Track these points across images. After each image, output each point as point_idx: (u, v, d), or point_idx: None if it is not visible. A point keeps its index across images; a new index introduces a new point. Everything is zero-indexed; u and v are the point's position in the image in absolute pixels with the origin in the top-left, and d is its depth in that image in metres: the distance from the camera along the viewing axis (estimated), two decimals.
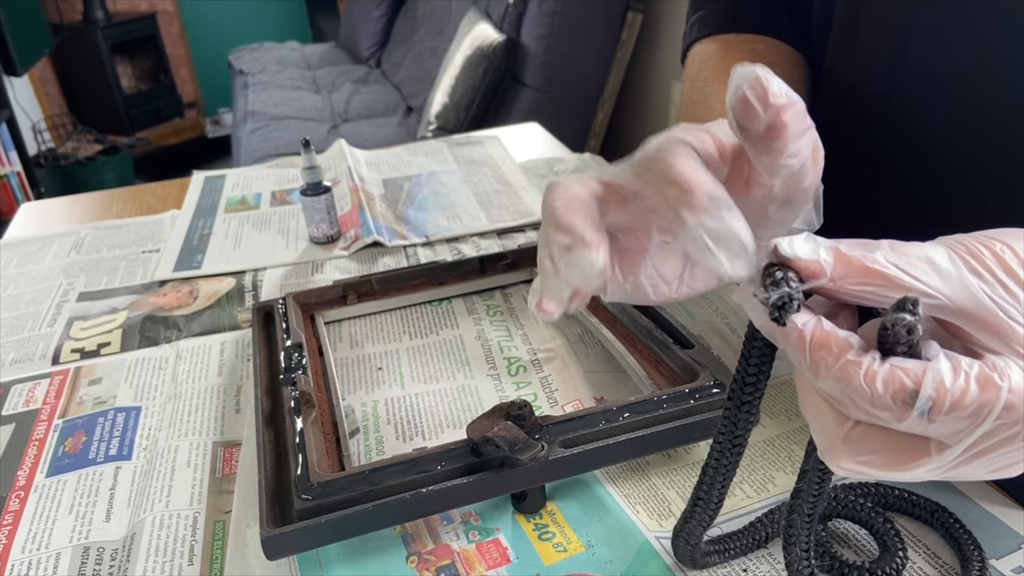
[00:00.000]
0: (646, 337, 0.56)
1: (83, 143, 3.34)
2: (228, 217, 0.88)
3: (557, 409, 0.55)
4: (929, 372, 0.23)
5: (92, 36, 3.44)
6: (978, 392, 0.23)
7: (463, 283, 0.69)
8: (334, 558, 0.44)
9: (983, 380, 0.23)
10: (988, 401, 0.23)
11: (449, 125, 2.03)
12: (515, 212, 0.85)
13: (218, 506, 0.48)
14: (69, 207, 0.98)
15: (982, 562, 0.40)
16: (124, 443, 0.54)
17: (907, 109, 0.49)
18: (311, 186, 0.78)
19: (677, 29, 2.02)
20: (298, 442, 0.46)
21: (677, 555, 0.41)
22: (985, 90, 0.45)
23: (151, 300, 0.72)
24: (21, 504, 0.49)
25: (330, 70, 3.01)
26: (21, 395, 0.60)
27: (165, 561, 0.44)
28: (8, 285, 0.77)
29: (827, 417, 0.26)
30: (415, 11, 2.81)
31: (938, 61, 0.47)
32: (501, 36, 2.00)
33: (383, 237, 0.79)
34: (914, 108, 0.49)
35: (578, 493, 0.47)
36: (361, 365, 0.61)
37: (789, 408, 0.53)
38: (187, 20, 3.83)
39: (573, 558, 0.43)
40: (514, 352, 0.61)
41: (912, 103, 0.49)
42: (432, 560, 0.43)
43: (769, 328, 0.26)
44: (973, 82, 0.45)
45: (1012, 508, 0.44)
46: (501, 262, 0.70)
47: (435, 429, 0.53)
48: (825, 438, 0.26)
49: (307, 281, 0.74)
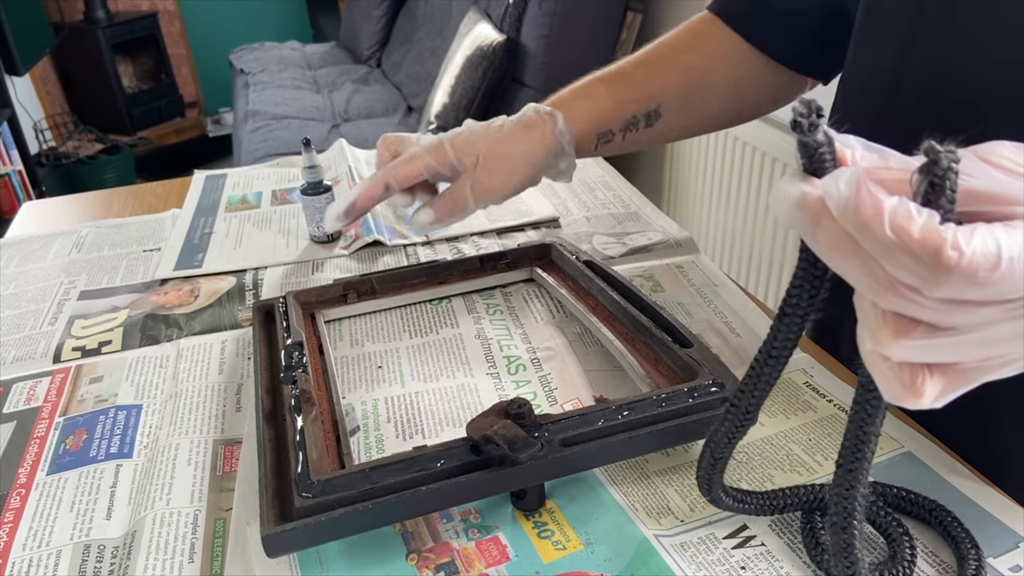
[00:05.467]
0: (645, 336, 0.56)
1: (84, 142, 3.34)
2: (229, 216, 0.89)
3: (556, 408, 0.55)
4: (998, 228, 0.23)
5: (93, 35, 3.44)
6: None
7: (463, 282, 0.69)
8: (334, 556, 0.44)
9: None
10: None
11: (449, 125, 2.03)
12: (515, 211, 0.85)
13: (218, 504, 0.48)
14: (70, 206, 0.98)
15: (978, 560, 0.40)
16: (125, 441, 0.54)
17: (912, 103, 0.49)
18: (312, 185, 0.78)
19: None
20: (298, 440, 0.46)
21: (698, 475, 0.41)
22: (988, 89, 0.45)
23: (152, 299, 0.72)
24: (22, 502, 0.50)
25: (330, 70, 3.02)
26: (22, 393, 0.60)
27: (166, 559, 0.44)
28: (9, 283, 0.77)
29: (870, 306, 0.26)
30: (415, 11, 2.81)
31: (943, 57, 0.47)
32: (501, 36, 2.00)
33: (383, 236, 0.79)
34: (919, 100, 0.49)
35: (577, 491, 0.48)
36: (361, 364, 0.61)
37: (788, 407, 0.53)
38: (188, 20, 3.84)
39: (572, 556, 0.43)
40: (514, 351, 0.61)
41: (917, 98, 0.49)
42: (432, 558, 0.44)
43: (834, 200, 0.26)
44: (978, 78, 0.45)
45: (1010, 507, 0.44)
46: (501, 261, 0.70)
47: (435, 427, 0.53)
48: (872, 320, 0.26)
49: (307, 280, 0.74)
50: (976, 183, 0.25)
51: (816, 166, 0.26)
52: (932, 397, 0.26)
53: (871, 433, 0.32)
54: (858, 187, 0.24)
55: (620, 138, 0.65)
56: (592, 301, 0.64)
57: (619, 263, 0.74)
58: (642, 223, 0.82)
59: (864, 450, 0.33)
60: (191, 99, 3.97)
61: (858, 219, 0.24)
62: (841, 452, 0.34)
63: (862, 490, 0.34)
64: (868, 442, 0.32)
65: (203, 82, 3.97)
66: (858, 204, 0.24)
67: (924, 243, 0.23)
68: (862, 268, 0.25)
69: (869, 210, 0.24)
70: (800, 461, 0.49)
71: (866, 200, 0.24)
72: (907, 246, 0.23)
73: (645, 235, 0.79)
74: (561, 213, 0.85)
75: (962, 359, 0.26)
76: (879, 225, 0.24)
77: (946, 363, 0.26)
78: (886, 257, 0.24)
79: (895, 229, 0.23)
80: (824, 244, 0.26)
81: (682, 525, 0.45)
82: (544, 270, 0.70)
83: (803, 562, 0.42)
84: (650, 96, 0.65)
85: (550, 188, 0.91)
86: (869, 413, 0.31)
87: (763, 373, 0.35)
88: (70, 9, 3.49)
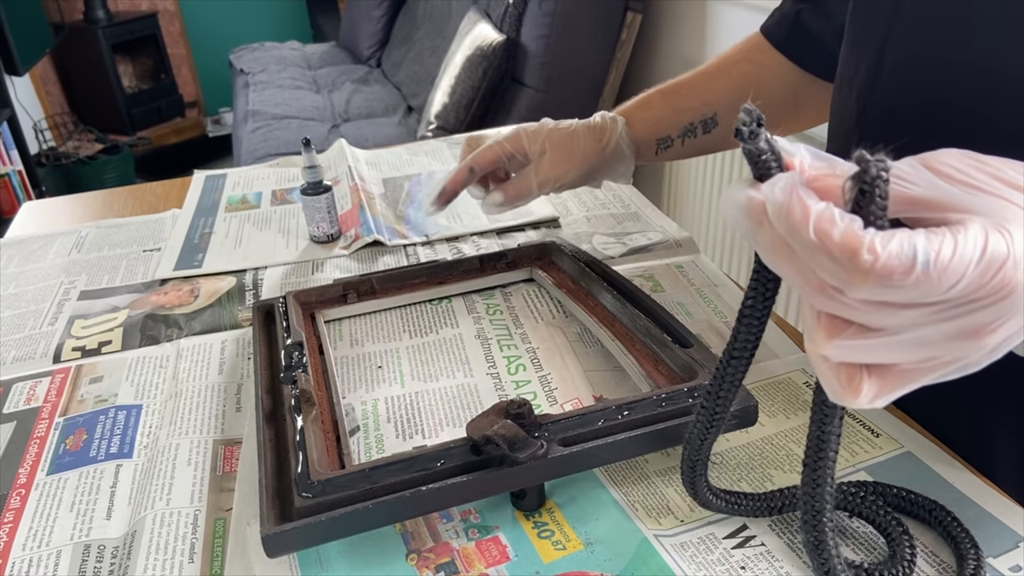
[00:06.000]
0: (645, 336, 0.56)
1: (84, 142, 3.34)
2: (229, 216, 0.89)
3: (556, 408, 0.55)
4: (920, 233, 0.25)
5: (93, 35, 3.44)
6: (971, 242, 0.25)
7: (463, 282, 0.69)
8: (334, 556, 0.44)
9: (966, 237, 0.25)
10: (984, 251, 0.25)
11: (449, 125, 2.03)
12: (514, 212, 0.85)
13: (219, 504, 0.48)
14: (70, 206, 0.98)
15: (978, 560, 0.40)
16: (125, 441, 0.54)
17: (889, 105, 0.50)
18: (311, 185, 0.78)
19: (676, 29, 2.02)
20: (298, 440, 0.46)
21: (683, 479, 0.43)
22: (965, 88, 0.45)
23: (152, 299, 0.72)
24: (22, 502, 0.50)
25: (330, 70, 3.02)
26: (22, 393, 0.60)
27: (166, 559, 0.44)
28: (9, 283, 0.77)
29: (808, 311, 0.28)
30: (415, 11, 2.81)
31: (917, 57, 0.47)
32: (501, 36, 2.00)
33: (383, 236, 0.79)
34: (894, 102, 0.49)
35: (577, 491, 0.48)
36: (361, 363, 0.61)
37: (787, 407, 0.53)
38: (188, 20, 3.84)
39: (572, 556, 0.43)
40: (513, 351, 0.61)
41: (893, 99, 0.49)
42: (432, 558, 0.44)
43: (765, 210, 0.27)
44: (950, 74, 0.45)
45: (1010, 507, 0.44)
46: (501, 261, 0.70)
47: (435, 427, 0.53)
48: (810, 323, 0.28)
49: (307, 280, 0.74)
50: (917, 191, 0.26)
51: (761, 172, 0.28)
52: (869, 397, 0.28)
53: (830, 433, 0.34)
54: (790, 192, 0.26)
55: (679, 144, 0.70)
56: (592, 301, 0.64)
57: (619, 263, 0.74)
58: (642, 223, 0.82)
59: (826, 449, 0.34)
60: (191, 99, 3.97)
61: (788, 223, 0.26)
62: (806, 452, 0.35)
63: (828, 488, 0.36)
64: (828, 442, 0.34)
65: (203, 82, 3.97)
66: (789, 209, 0.26)
67: (843, 246, 0.25)
68: (795, 270, 0.27)
69: (797, 215, 0.25)
70: (800, 460, 0.49)
71: (795, 205, 0.26)
72: (828, 249, 0.25)
73: (645, 235, 0.79)
74: (561, 213, 0.85)
75: (897, 360, 0.27)
76: (805, 229, 0.25)
77: (883, 365, 0.28)
78: (813, 260, 0.26)
79: (818, 233, 0.25)
80: (764, 247, 0.28)
81: (682, 525, 0.45)
82: (544, 270, 0.70)
83: (803, 562, 0.42)
84: (706, 103, 0.68)
85: None
86: (826, 414, 0.33)
87: (727, 374, 0.36)
88: (70, 9, 3.49)
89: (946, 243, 0.24)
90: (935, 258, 0.24)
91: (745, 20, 1.71)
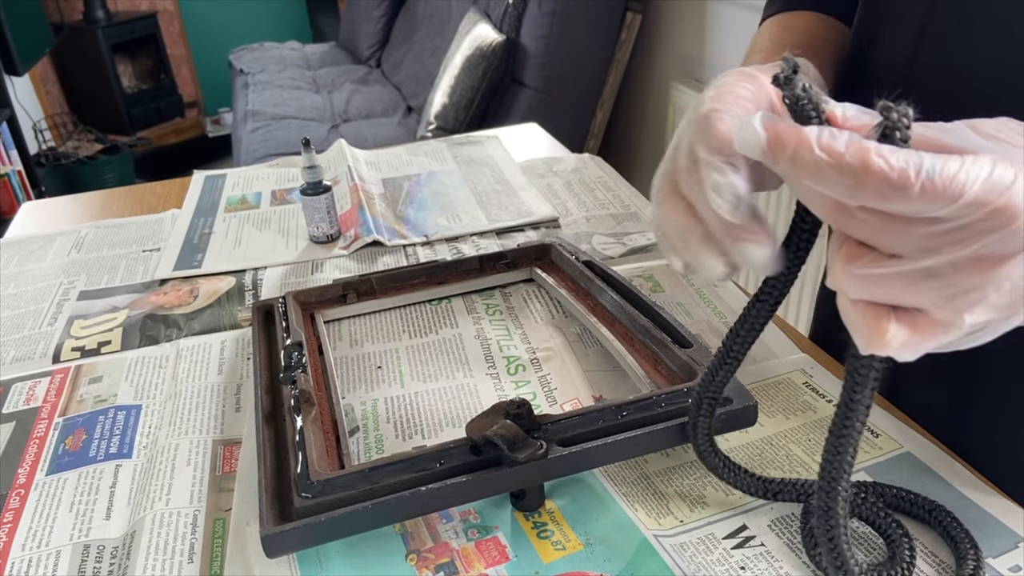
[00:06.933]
0: (645, 336, 0.56)
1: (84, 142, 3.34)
2: (228, 216, 0.89)
3: (556, 408, 0.55)
4: (927, 152, 0.26)
5: (93, 35, 3.44)
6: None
7: (462, 282, 0.69)
8: (334, 556, 0.44)
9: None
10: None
11: (449, 125, 2.03)
12: (514, 212, 0.85)
13: (218, 504, 0.48)
14: (70, 206, 0.98)
15: (977, 560, 0.40)
16: (124, 441, 0.54)
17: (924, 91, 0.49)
18: (311, 185, 0.78)
19: (676, 29, 2.02)
20: (298, 440, 0.46)
21: (689, 415, 0.44)
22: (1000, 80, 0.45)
23: (151, 299, 0.72)
24: (21, 502, 0.50)
25: (330, 70, 3.01)
26: (22, 393, 0.60)
27: (165, 559, 0.44)
28: (9, 284, 0.77)
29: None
30: (415, 11, 2.81)
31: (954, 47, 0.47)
32: (500, 36, 2.00)
33: (383, 236, 0.79)
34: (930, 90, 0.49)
35: (577, 491, 0.48)
36: (361, 364, 0.61)
37: (787, 407, 0.53)
38: (187, 20, 3.83)
39: (572, 556, 0.43)
40: (513, 351, 0.61)
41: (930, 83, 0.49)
42: (431, 558, 0.44)
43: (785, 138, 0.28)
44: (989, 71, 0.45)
45: (1010, 507, 0.44)
46: (500, 261, 0.70)
47: (434, 428, 0.53)
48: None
49: (307, 280, 0.74)
50: (950, 139, 0.27)
51: (801, 121, 0.29)
52: (898, 341, 0.28)
53: (859, 402, 0.32)
54: (774, 126, 0.27)
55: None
56: (591, 301, 0.64)
57: (619, 263, 0.74)
58: (642, 223, 0.82)
59: (853, 418, 0.32)
60: (190, 99, 3.97)
61: (792, 152, 0.27)
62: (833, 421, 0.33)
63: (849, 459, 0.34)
64: (857, 411, 0.32)
65: (202, 82, 3.97)
66: (783, 138, 0.27)
67: (854, 154, 0.26)
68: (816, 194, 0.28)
69: (793, 139, 0.27)
70: (800, 461, 0.49)
71: (789, 132, 0.27)
72: (838, 162, 0.26)
73: (645, 235, 0.79)
74: (560, 213, 0.85)
75: (912, 296, 0.28)
76: (808, 150, 0.26)
77: (910, 312, 0.28)
78: (825, 181, 0.27)
79: (824, 148, 0.26)
80: (786, 176, 0.29)
81: (682, 525, 0.45)
82: (544, 270, 0.70)
83: (803, 562, 0.42)
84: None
85: (550, 188, 0.91)
86: (857, 382, 0.32)
87: (756, 305, 0.37)
88: (70, 9, 3.49)
89: (952, 160, 0.25)
90: (940, 168, 0.25)
91: (745, 20, 1.71)
